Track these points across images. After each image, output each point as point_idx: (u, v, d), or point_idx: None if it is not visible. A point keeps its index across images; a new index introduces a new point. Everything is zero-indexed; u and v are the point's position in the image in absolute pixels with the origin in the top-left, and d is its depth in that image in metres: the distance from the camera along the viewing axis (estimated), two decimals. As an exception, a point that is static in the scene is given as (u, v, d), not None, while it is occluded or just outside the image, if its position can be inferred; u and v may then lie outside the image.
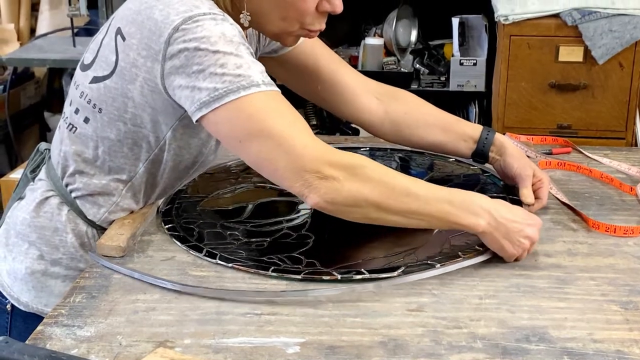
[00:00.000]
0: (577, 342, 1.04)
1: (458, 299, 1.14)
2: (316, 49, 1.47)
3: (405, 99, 1.52)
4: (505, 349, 1.02)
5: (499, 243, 1.20)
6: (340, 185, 1.11)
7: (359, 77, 1.51)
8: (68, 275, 1.35)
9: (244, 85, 1.13)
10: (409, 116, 1.50)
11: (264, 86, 1.14)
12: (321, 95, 1.50)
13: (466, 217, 1.17)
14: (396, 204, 1.14)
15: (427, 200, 1.15)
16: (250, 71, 1.14)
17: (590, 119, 2.70)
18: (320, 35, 1.55)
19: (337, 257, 1.24)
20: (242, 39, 1.18)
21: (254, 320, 1.08)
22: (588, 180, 1.58)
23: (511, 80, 2.71)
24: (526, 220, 1.21)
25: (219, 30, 1.15)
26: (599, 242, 1.32)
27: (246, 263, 1.21)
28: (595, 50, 2.61)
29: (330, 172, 1.11)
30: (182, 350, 1.01)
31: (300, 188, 1.13)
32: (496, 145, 1.46)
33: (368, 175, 1.13)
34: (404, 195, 1.13)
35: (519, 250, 1.21)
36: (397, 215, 1.15)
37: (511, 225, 1.19)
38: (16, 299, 1.37)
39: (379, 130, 1.52)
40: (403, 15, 3.17)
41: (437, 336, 1.05)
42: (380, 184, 1.13)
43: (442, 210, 1.16)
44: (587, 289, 1.17)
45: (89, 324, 1.07)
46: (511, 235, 1.20)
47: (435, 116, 1.51)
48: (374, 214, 1.15)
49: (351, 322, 1.08)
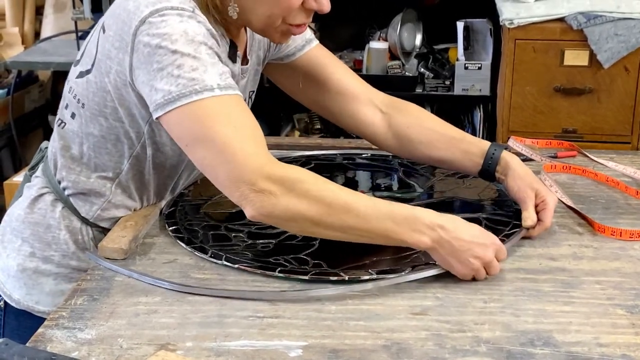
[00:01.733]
0: (582, 347, 1.03)
1: (462, 303, 1.13)
2: (324, 58, 1.46)
3: (409, 113, 1.47)
4: (510, 353, 1.01)
5: (447, 261, 1.16)
6: (276, 200, 1.10)
7: (365, 87, 1.49)
8: (59, 273, 1.35)
9: (196, 89, 1.12)
10: (413, 130, 1.45)
11: (218, 90, 1.13)
12: (326, 106, 1.48)
13: (409, 235, 1.14)
14: (334, 220, 1.12)
15: (367, 218, 1.12)
16: (205, 75, 1.13)
17: (595, 123, 2.69)
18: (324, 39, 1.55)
19: (344, 258, 1.23)
20: (207, 37, 1.17)
21: (256, 323, 1.08)
22: (593, 183, 1.57)
23: (516, 84, 2.70)
24: (477, 239, 1.15)
25: (182, 28, 1.14)
26: (605, 245, 1.31)
27: (252, 264, 1.20)
28: (601, 54, 2.60)
29: (267, 185, 1.10)
30: (183, 353, 1.01)
31: (238, 199, 1.12)
32: (501, 165, 1.39)
33: (306, 190, 1.11)
34: (343, 212, 1.12)
35: (468, 270, 1.16)
36: (336, 232, 1.14)
37: (458, 243, 1.14)
38: (9, 295, 1.37)
39: (383, 143, 1.49)
40: (408, 19, 3.16)
41: (441, 340, 1.04)
42: (317, 201, 1.11)
43: (383, 227, 1.13)
44: (592, 292, 1.16)
45: (90, 326, 1.06)
46: (458, 254, 1.14)
47: (440, 132, 1.44)
48: (311, 229, 1.15)
49: (354, 326, 1.07)
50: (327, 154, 1.71)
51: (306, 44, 1.45)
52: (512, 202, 1.40)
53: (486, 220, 1.35)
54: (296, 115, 3.42)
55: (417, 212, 1.16)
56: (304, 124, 3.43)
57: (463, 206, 1.43)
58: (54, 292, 1.35)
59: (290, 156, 1.69)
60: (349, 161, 1.68)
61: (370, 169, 1.66)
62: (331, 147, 1.76)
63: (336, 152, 1.71)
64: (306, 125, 3.42)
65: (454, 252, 1.15)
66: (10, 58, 3.19)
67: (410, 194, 1.48)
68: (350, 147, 1.76)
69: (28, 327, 1.36)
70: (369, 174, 1.65)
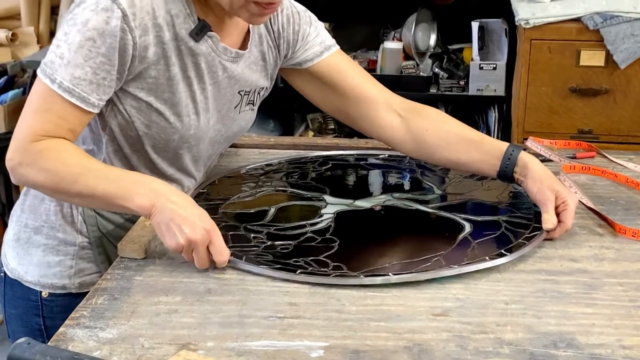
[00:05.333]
0: (605, 349, 1.02)
1: (483, 304, 1.12)
2: (343, 64, 1.46)
3: (428, 116, 1.47)
4: (533, 355, 1.00)
5: (159, 228, 1.17)
6: (22, 170, 1.22)
7: (383, 91, 1.49)
8: (48, 244, 1.37)
9: (48, 72, 1.21)
10: (431, 133, 1.45)
11: (56, 85, 1.20)
12: (345, 111, 1.49)
13: (131, 198, 1.18)
14: (66, 190, 1.21)
15: (94, 189, 1.19)
16: (61, 67, 1.20)
17: (611, 124, 2.68)
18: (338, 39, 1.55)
19: (364, 261, 1.23)
20: (108, 37, 1.19)
21: (276, 323, 1.07)
22: (613, 185, 1.56)
23: (531, 84, 2.69)
24: (191, 217, 1.16)
25: (86, 17, 1.19)
26: (626, 247, 1.30)
27: (272, 266, 1.20)
28: (617, 54, 2.59)
29: (18, 158, 1.22)
30: (205, 353, 1.00)
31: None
32: (519, 166, 1.38)
33: (43, 165, 1.20)
34: (72, 183, 1.20)
35: (173, 243, 1.16)
36: (73, 198, 1.24)
37: (172, 214, 1.16)
38: (6, 264, 1.41)
39: (402, 148, 1.49)
40: (422, 19, 3.15)
41: (463, 341, 1.03)
42: (51, 174, 1.20)
43: (111, 192, 1.19)
44: (615, 294, 1.15)
45: (111, 325, 1.06)
46: (169, 225, 1.16)
47: (458, 135, 1.44)
48: (52, 195, 1.28)
49: (375, 326, 1.07)
50: (344, 154, 1.70)
51: (325, 50, 1.45)
52: (531, 204, 1.40)
53: (506, 223, 1.34)
54: (310, 115, 3.42)
55: (146, 179, 1.22)
56: (318, 124, 3.42)
57: (482, 209, 1.42)
58: (41, 264, 1.37)
59: (307, 156, 1.69)
60: (365, 162, 1.67)
61: (387, 169, 1.65)
62: (348, 147, 1.76)
63: (353, 153, 1.71)
64: (320, 126, 3.42)
65: (167, 221, 1.17)
66: (26, 57, 3.20)
67: (428, 196, 1.48)
68: (367, 147, 1.76)
69: (19, 297, 1.40)
70: (385, 175, 1.64)
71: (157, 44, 1.24)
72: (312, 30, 1.45)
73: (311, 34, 1.44)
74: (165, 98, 1.29)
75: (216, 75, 1.33)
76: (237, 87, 1.38)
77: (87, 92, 1.21)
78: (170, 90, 1.28)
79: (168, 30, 1.25)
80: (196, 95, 1.31)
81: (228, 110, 1.38)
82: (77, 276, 1.36)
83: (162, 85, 1.28)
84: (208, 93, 1.33)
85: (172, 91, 1.28)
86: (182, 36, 1.27)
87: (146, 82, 1.27)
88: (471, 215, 1.38)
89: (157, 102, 1.28)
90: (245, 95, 1.40)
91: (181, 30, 1.26)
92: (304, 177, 1.57)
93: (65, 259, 1.37)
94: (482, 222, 1.35)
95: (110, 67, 1.21)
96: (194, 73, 1.30)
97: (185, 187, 1.44)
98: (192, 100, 1.31)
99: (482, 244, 1.27)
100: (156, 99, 1.28)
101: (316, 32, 1.45)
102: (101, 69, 1.21)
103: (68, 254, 1.37)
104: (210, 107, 1.34)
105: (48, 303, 1.37)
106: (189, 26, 1.27)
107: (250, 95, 1.41)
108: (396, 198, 1.46)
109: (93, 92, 1.21)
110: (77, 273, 1.37)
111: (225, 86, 1.35)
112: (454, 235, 1.30)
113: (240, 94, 1.39)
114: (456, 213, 1.39)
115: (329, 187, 1.51)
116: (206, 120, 1.34)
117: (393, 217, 1.40)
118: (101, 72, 1.21)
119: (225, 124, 1.39)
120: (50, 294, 1.37)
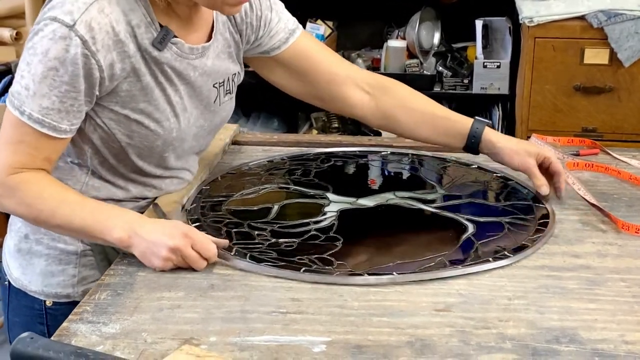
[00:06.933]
0: (608, 344, 1.02)
1: (486, 300, 1.12)
2: (310, 47, 1.49)
3: (395, 93, 1.53)
4: (535, 350, 1.00)
5: (143, 257, 1.20)
6: (3, 201, 1.25)
7: (350, 68, 1.53)
8: (49, 254, 1.36)
9: (16, 104, 1.22)
10: (398, 111, 1.52)
11: (25, 117, 1.21)
12: (316, 94, 1.52)
13: (109, 234, 1.21)
14: (45, 223, 1.26)
15: (71, 220, 1.23)
16: (28, 99, 1.20)
17: (615, 122, 2.68)
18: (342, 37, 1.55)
19: (368, 260, 1.23)
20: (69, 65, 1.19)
21: (279, 318, 1.07)
22: (617, 181, 1.56)
23: (535, 82, 2.69)
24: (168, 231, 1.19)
25: (46, 47, 1.19)
26: (629, 243, 1.30)
27: (276, 263, 1.20)
28: (621, 52, 2.59)
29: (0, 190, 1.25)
30: (207, 348, 1.01)
31: None
32: (484, 142, 1.48)
33: (21, 198, 1.24)
34: (50, 216, 1.24)
35: (158, 262, 1.18)
36: (54, 229, 1.28)
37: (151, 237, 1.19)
38: (10, 274, 1.41)
39: (372, 123, 1.56)
40: (426, 17, 3.15)
41: (465, 336, 1.03)
42: (30, 207, 1.24)
43: (86, 229, 1.23)
44: (617, 290, 1.15)
45: (114, 320, 1.07)
46: (150, 248, 1.19)
47: (423, 112, 1.52)
48: (34, 224, 1.30)
49: (378, 322, 1.07)
50: (346, 151, 1.70)
51: (290, 35, 1.46)
52: (533, 206, 1.40)
53: (509, 225, 1.34)
54: (314, 114, 3.42)
55: (120, 212, 1.24)
56: (322, 123, 3.42)
57: (485, 209, 1.42)
58: (44, 273, 1.37)
59: (310, 153, 1.69)
60: (367, 159, 1.67)
61: (389, 167, 1.65)
62: (350, 145, 1.76)
63: (355, 150, 1.71)
64: (324, 124, 3.42)
65: (145, 247, 1.19)
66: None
67: (431, 195, 1.48)
68: (370, 144, 1.76)
69: (24, 306, 1.40)
70: (388, 172, 1.64)
71: (122, 59, 1.23)
72: (273, 16, 1.45)
73: (273, 19, 1.45)
74: (142, 108, 1.28)
75: (188, 76, 1.32)
76: (210, 81, 1.37)
77: (57, 121, 1.22)
78: (146, 99, 1.28)
79: (131, 42, 1.24)
80: (171, 99, 1.30)
81: (207, 105, 1.38)
82: (80, 284, 1.36)
83: (137, 96, 1.27)
84: (182, 93, 1.32)
85: (147, 100, 1.28)
86: (146, 46, 1.26)
87: (120, 96, 1.26)
88: (474, 215, 1.38)
89: (134, 113, 1.28)
90: (220, 87, 1.40)
91: (144, 40, 1.25)
92: (307, 174, 1.57)
93: (67, 267, 1.36)
94: (485, 223, 1.35)
95: (76, 94, 1.21)
96: (164, 79, 1.29)
97: (184, 181, 1.44)
98: (169, 104, 1.30)
99: (486, 244, 1.27)
100: (133, 110, 1.28)
101: (278, 17, 1.46)
102: (67, 97, 1.21)
103: (70, 263, 1.36)
104: (188, 107, 1.34)
105: (52, 312, 1.36)
106: (152, 35, 1.26)
107: (225, 85, 1.41)
108: (399, 197, 1.46)
109: (63, 120, 1.22)
110: (80, 281, 1.36)
111: (200, 84, 1.35)
112: (457, 236, 1.30)
113: (216, 87, 1.39)
114: (459, 213, 1.39)
115: (331, 184, 1.51)
116: (186, 120, 1.34)
117: (396, 216, 1.40)
118: (68, 100, 1.21)
119: (206, 118, 1.39)
120: (54, 302, 1.37)
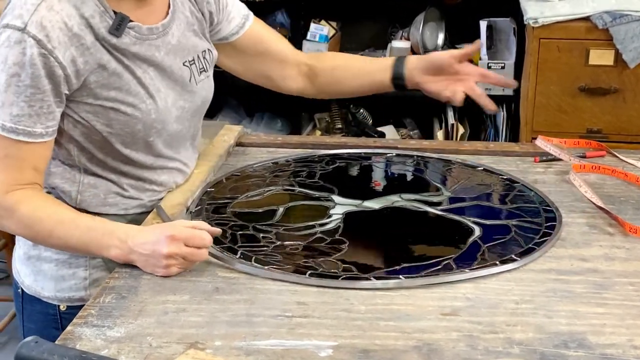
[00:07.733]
0: (616, 349, 1.01)
1: (493, 304, 1.12)
2: (261, 31, 1.56)
3: (321, 61, 1.63)
4: (544, 355, 0.99)
5: (145, 268, 1.20)
6: (3, 221, 1.27)
7: (293, 49, 1.63)
8: (59, 259, 1.37)
9: None
10: (325, 76, 1.60)
11: (1, 130, 1.21)
12: (269, 75, 1.60)
13: (108, 251, 1.22)
14: (44, 243, 1.31)
15: (67, 238, 1.25)
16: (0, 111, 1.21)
17: (621, 123, 2.66)
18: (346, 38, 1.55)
19: (374, 263, 1.23)
20: (28, 67, 1.19)
21: (285, 322, 1.07)
22: (623, 184, 1.55)
23: (540, 83, 2.67)
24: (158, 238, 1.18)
25: (3, 55, 1.20)
26: (637, 246, 1.29)
27: (282, 266, 1.20)
28: (627, 53, 2.58)
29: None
30: (213, 352, 1.00)
31: None
32: (408, 78, 1.54)
33: (19, 219, 1.25)
34: (47, 237, 1.26)
35: (161, 271, 1.18)
36: (54, 247, 1.31)
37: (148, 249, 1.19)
38: (22, 282, 1.42)
39: (311, 94, 1.65)
40: (430, 18, 3.14)
41: (472, 341, 1.03)
42: (27, 228, 1.26)
43: (83, 248, 1.25)
44: (626, 294, 1.14)
45: (119, 324, 1.06)
46: (150, 260, 1.19)
47: (345, 69, 1.61)
48: (34, 242, 1.35)
49: (384, 326, 1.06)
50: (351, 153, 1.69)
51: (245, 20, 1.53)
52: (540, 209, 1.40)
53: (515, 228, 1.33)
54: (317, 114, 3.41)
55: (114, 228, 1.24)
56: (325, 124, 3.41)
57: (491, 212, 1.41)
58: (55, 278, 1.37)
59: (314, 155, 1.68)
60: (372, 161, 1.66)
61: (394, 168, 1.64)
62: (355, 146, 1.75)
63: (360, 152, 1.70)
64: (327, 125, 3.41)
65: (145, 260, 1.20)
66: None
67: (437, 198, 1.47)
68: (375, 146, 1.75)
69: (38, 312, 1.40)
70: (393, 174, 1.63)
71: (82, 53, 1.23)
72: (229, 1, 1.50)
73: (229, 4, 1.50)
74: (114, 95, 1.28)
75: (153, 57, 1.32)
76: (179, 59, 1.36)
77: (30, 126, 1.22)
78: (116, 85, 1.28)
79: (88, 34, 1.24)
80: (143, 80, 1.30)
81: (184, 85, 1.37)
82: (92, 287, 1.36)
83: (107, 85, 1.27)
84: (152, 74, 1.32)
85: (118, 86, 1.28)
86: (104, 35, 1.26)
87: (90, 88, 1.26)
88: (480, 218, 1.37)
89: (108, 102, 1.28)
90: (192, 65, 1.40)
91: (100, 30, 1.25)
92: (312, 176, 1.56)
93: (78, 270, 1.36)
94: (491, 226, 1.34)
95: (42, 95, 1.21)
96: (130, 62, 1.29)
97: (180, 173, 1.43)
98: (142, 86, 1.30)
99: (492, 248, 1.26)
100: (106, 99, 1.28)
101: (232, 2, 1.51)
102: (34, 100, 1.21)
103: (80, 266, 1.36)
104: (162, 87, 1.33)
105: (67, 316, 1.36)
106: (107, 23, 1.26)
107: (197, 63, 1.41)
108: (405, 199, 1.45)
109: (36, 124, 1.22)
110: (92, 283, 1.36)
111: (169, 64, 1.34)
112: (463, 239, 1.29)
113: (187, 66, 1.38)
114: (465, 216, 1.38)
115: (337, 186, 1.50)
116: (163, 101, 1.33)
117: (402, 219, 1.39)
118: (35, 103, 1.21)
119: (186, 99, 1.38)
120: (68, 307, 1.37)
